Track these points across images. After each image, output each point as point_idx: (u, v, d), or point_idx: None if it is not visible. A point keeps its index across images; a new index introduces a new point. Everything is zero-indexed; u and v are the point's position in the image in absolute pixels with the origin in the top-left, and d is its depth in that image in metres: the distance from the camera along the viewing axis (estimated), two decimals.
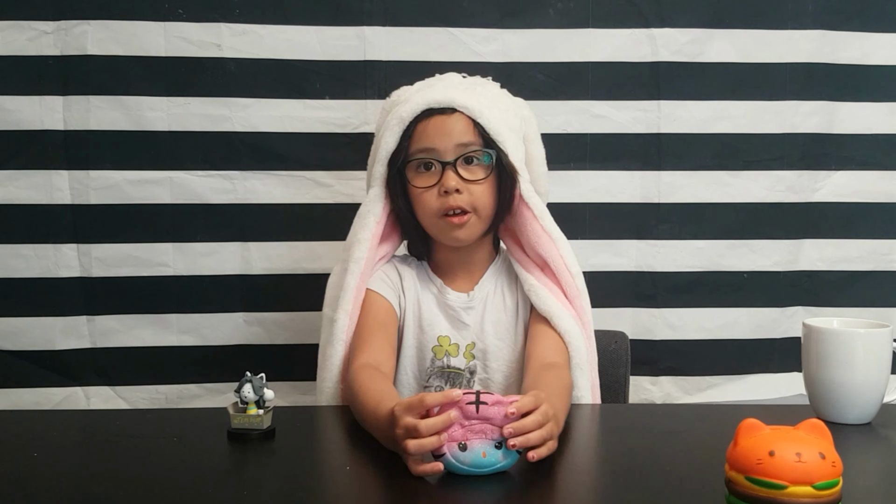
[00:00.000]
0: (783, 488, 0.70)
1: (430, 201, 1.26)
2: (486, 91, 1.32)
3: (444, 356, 1.31)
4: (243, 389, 1.00)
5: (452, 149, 1.25)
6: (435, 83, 1.33)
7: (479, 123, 1.25)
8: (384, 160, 1.29)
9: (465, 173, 1.25)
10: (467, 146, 1.25)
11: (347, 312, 1.27)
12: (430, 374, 1.31)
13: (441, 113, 1.26)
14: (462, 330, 1.32)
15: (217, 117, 1.63)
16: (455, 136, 1.25)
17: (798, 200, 1.73)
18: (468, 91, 1.29)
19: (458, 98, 1.26)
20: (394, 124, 1.27)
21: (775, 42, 1.69)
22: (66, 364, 1.66)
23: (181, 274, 1.66)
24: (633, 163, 1.70)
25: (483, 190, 1.26)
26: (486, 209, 1.28)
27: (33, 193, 1.62)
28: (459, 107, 1.26)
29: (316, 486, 0.90)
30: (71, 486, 0.88)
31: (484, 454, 0.89)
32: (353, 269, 1.28)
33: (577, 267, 1.33)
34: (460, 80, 1.34)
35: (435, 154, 1.25)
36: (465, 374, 1.31)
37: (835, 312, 1.72)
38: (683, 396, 1.75)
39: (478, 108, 1.26)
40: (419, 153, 1.26)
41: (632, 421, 1.21)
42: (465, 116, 1.26)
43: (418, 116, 1.26)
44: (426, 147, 1.26)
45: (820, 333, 1.10)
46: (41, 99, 1.61)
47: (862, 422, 1.09)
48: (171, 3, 1.60)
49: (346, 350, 1.27)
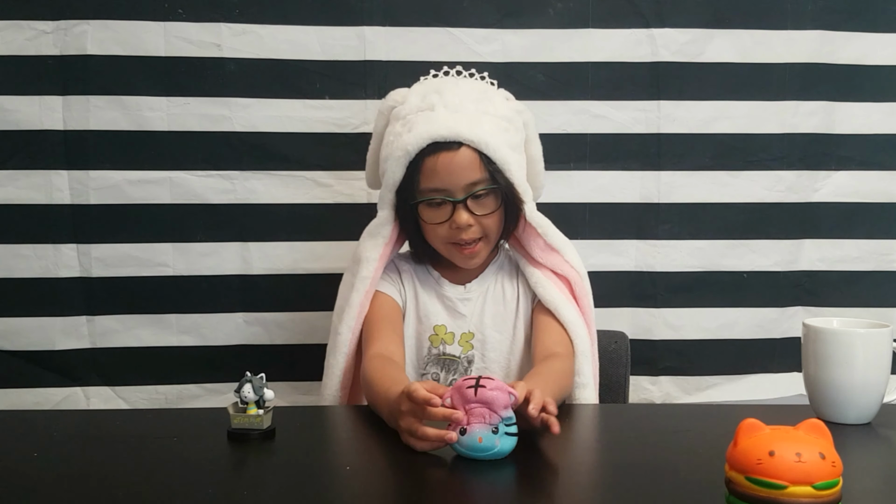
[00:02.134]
0: (783, 488, 0.70)
1: (442, 233, 1.30)
2: (488, 108, 1.30)
3: (440, 344, 1.35)
4: (243, 389, 1.00)
5: (462, 188, 1.27)
6: (437, 104, 1.28)
7: (486, 155, 1.26)
8: (392, 188, 1.30)
9: (476, 208, 1.28)
10: (476, 184, 1.26)
11: (350, 328, 1.32)
12: (426, 361, 1.35)
13: (447, 148, 1.25)
14: (458, 319, 1.36)
15: (217, 117, 1.63)
16: (464, 176, 1.26)
17: (798, 200, 1.73)
18: (472, 117, 1.27)
19: (464, 131, 1.25)
20: (399, 155, 1.27)
21: (775, 42, 1.69)
22: (65, 364, 1.66)
23: (181, 274, 1.66)
24: (633, 163, 1.71)
25: (493, 220, 1.30)
26: (495, 235, 1.33)
27: (33, 193, 1.62)
28: (465, 140, 1.25)
29: (316, 486, 0.90)
30: (71, 486, 0.88)
31: (480, 439, 0.91)
32: (360, 287, 1.33)
33: (584, 269, 1.38)
34: (462, 98, 1.29)
35: (446, 193, 1.27)
36: (462, 363, 1.34)
37: (835, 312, 1.72)
38: (683, 396, 1.75)
39: (483, 138, 1.25)
40: (429, 192, 1.28)
41: (632, 421, 1.20)
42: (471, 150, 1.25)
43: (423, 150, 1.26)
44: (436, 187, 1.27)
45: (820, 333, 1.10)
46: (41, 99, 1.60)
47: (862, 422, 1.09)
48: (170, 2, 1.60)
49: (347, 361, 1.32)
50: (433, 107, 1.28)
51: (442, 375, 1.35)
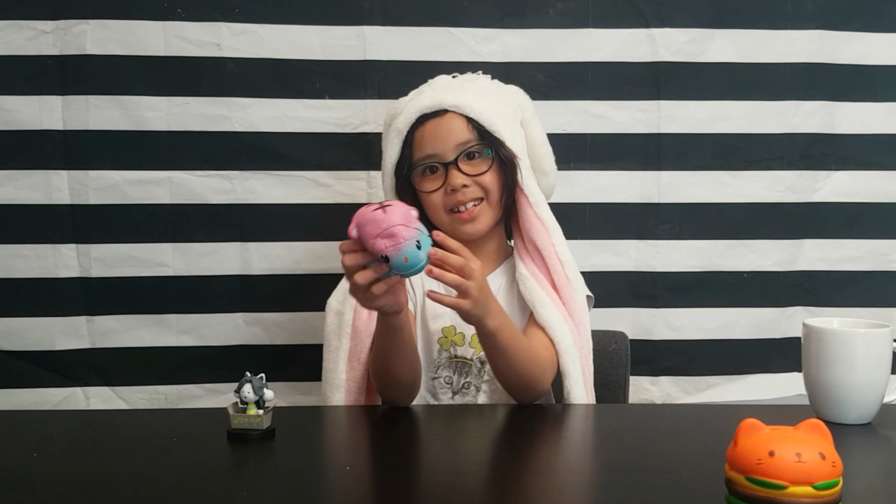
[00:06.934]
0: (783, 488, 0.70)
1: (440, 200, 1.31)
2: (474, 86, 1.36)
3: (450, 346, 1.33)
4: (243, 390, 1.00)
5: (451, 149, 1.30)
6: (424, 89, 1.38)
7: (472, 118, 1.29)
8: (390, 171, 1.35)
9: (469, 168, 1.30)
10: (465, 144, 1.30)
11: (353, 307, 1.31)
12: (437, 364, 1.33)
13: (434, 117, 1.31)
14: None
15: (216, 117, 1.63)
16: (452, 137, 1.30)
17: (798, 200, 1.73)
18: (456, 90, 1.34)
19: (447, 98, 1.31)
20: (393, 137, 1.33)
21: (775, 42, 1.69)
22: (65, 364, 1.66)
23: (181, 274, 1.66)
24: (633, 163, 1.70)
25: (489, 178, 1.31)
26: (496, 194, 1.32)
27: (32, 193, 1.62)
28: (450, 107, 1.31)
29: (316, 486, 0.90)
30: (71, 486, 0.88)
31: (406, 259, 0.99)
32: None
33: (570, 256, 1.35)
34: (449, 81, 1.39)
35: (436, 157, 1.31)
36: (476, 364, 1.32)
37: (835, 312, 1.72)
38: (683, 396, 1.75)
39: (467, 103, 1.30)
40: (421, 160, 1.32)
41: (632, 421, 1.21)
42: (458, 115, 1.31)
43: (413, 124, 1.32)
44: (427, 154, 1.31)
45: (820, 333, 1.10)
46: (40, 99, 1.60)
47: (862, 422, 1.09)
48: (170, 2, 1.60)
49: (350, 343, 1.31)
50: (421, 91, 1.37)
51: (455, 378, 1.32)
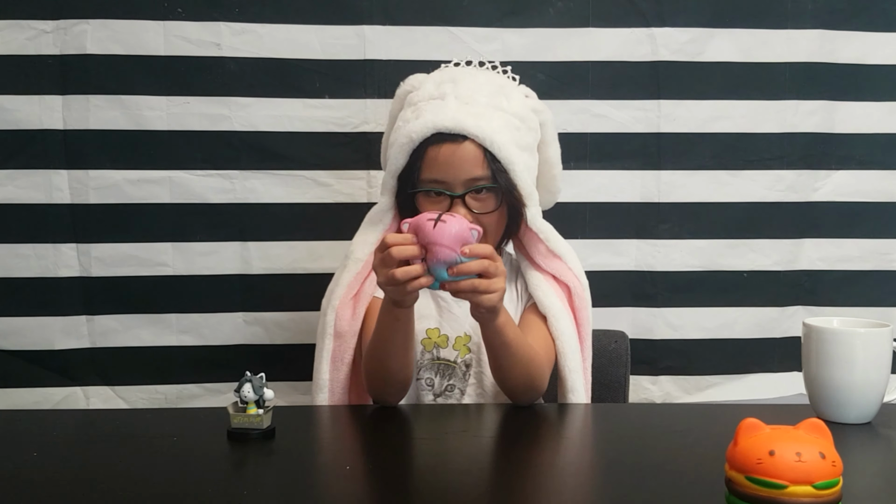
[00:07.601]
0: (783, 488, 0.70)
1: None
2: (501, 103, 1.27)
3: (433, 348, 1.31)
4: (243, 389, 1.00)
5: (462, 182, 1.24)
6: (447, 92, 1.27)
7: (490, 152, 1.22)
8: (394, 175, 1.28)
9: (476, 205, 1.24)
10: (477, 180, 1.24)
11: (335, 308, 1.29)
12: (419, 366, 1.31)
13: (451, 140, 1.23)
14: (452, 321, 1.32)
15: (217, 117, 1.63)
16: (465, 171, 1.23)
17: (798, 200, 1.73)
18: (481, 111, 1.24)
19: (469, 124, 1.22)
20: (403, 142, 1.25)
21: (775, 42, 1.69)
22: (65, 364, 1.66)
23: (181, 274, 1.66)
24: (633, 162, 1.70)
25: (494, 218, 1.26)
26: (496, 234, 1.29)
27: (33, 193, 1.62)
28: (470, 134, 1.22)
29: (316, 486, 0.90)
30: (71, 486, 0.88)
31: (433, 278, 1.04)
32: (352, 268, 1.30)
33: (586, 280, 1.35)
34: (475, 91, 1.27)
35: (445, 186, 1.24)
36: (461, 367, 1.30)
37: (835, 312, 1.72)
38: (683, 396, 1.75)
39: (489, 134, 1.22)
40: (429, 182, 1.25)
41: (632, 421, 1.21)
42: (476, 145, 1.23)
43: (428, 139, 1.24)
44: (435, 178, 1.24)
45: (820, 333, 1.10)
46: (40, 98, 1.60)
47: (862, 422, 1.09)
48: (170, 2, 1.60)
49: (334, 344, 1.29)
50: (444, 96, 1.26)
51: (437, 381, 1.30)
